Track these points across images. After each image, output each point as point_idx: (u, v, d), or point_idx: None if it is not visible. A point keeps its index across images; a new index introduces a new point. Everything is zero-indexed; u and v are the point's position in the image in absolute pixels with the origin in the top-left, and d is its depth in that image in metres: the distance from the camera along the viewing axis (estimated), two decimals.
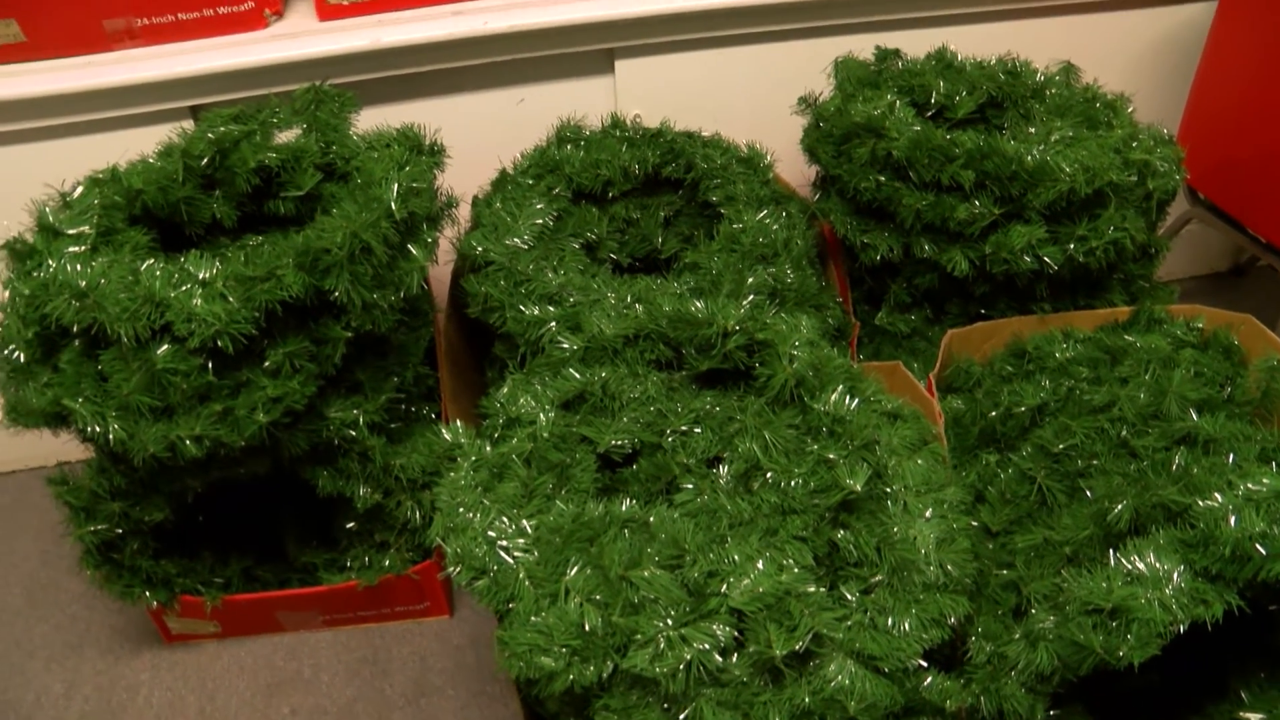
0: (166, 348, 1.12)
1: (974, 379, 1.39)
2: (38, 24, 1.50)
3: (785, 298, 1.30)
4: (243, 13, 1.56)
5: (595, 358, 1.16)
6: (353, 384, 1.29)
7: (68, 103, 1.51)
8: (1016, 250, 1.33)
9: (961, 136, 1.33)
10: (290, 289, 1.11)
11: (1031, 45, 1.63)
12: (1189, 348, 1.34)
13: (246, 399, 1.16)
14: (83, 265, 1.13)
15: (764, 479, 1.05)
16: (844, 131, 1.41)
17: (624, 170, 1.46)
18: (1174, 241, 1.88)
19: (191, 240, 1.31)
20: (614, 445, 1.09)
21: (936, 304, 1.50)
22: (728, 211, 1.40)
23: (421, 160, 1.28)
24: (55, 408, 1.16)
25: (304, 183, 1.29)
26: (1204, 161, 1.72)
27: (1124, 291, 1.49)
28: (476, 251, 1.33)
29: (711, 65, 1.70)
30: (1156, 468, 1.13)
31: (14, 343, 1.19)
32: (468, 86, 1.65)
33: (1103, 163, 1.32)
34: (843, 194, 1.45)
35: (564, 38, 1.61)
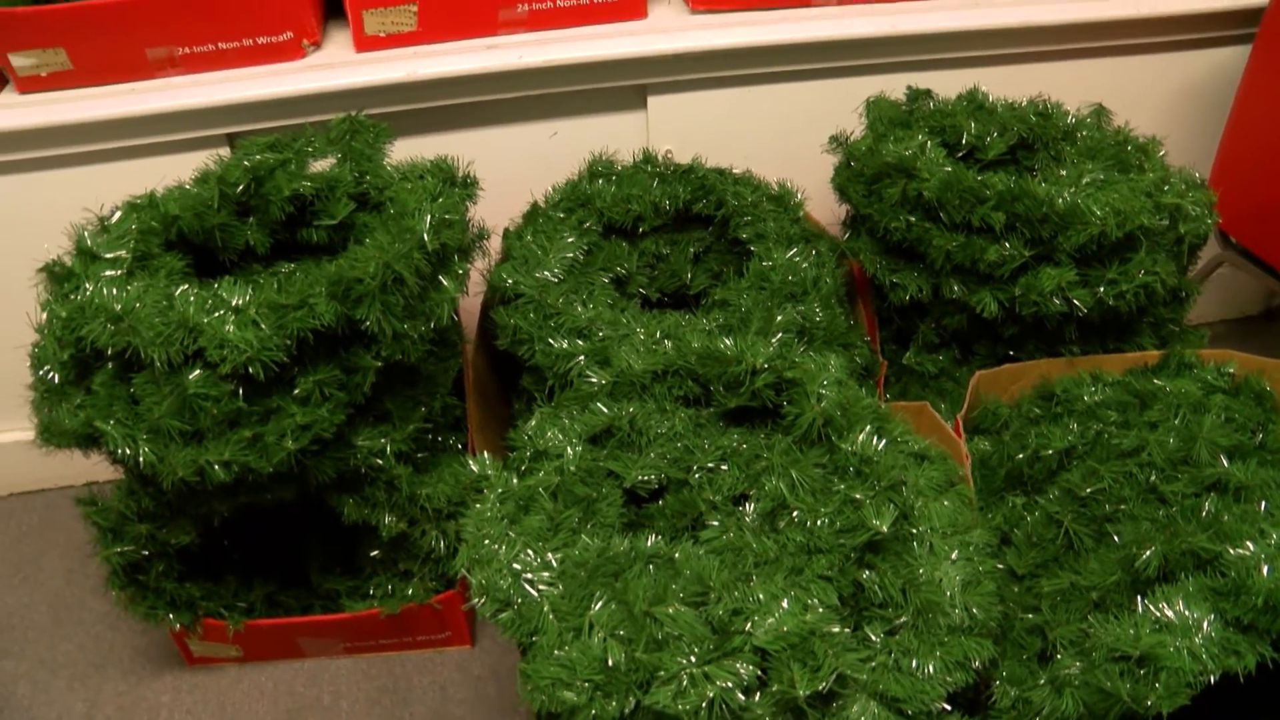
0: (198, 373, 1.13)
1: (1001, 421, 1.39)
2: (84, 52, 1.53)
3: (814, 336, 1.30)
4: (281, 43, 1.58)
5: (623, 393, 1.16)
6: (381, 413, 1.30)
7: (110, 129, 1.54)
8: (1046, 293, 1.32)
9: (992, 178, 1.33)
10: (322, 318, 1.12)
11: (1062, 87, 1.63)
12: (1220, 393, 1.33)
13: (276, 426, 1.17)
14: (118, 289, 1.15)
15: (790, 518, 1.05)
16: (875, 171, 1.41)
17: (655, 205, 1.46)
18: (1205, 285, 1.87)
19: (225, 266, 1.33)
20: (640, 480, 1.09)
21: (964, 345, 1.50)
22: (757, 249, 1.40)
23: (454, 192, 1.29)
24: (87, 429, 1.17)
25: (337, 212, 1.30)
26: (1236, 205, 1.72)
27: (1154, 335, 1.48)
28: (506, 284, 1.33)
29: (743, 103, 1.71)
30: (1186, 514, 1.12)
31: (49, 363, 1.21)
32: (501, 119, 1.67)
33: (1134, 206, 1.32)
34: (873, 233, 1.45)
35: (597, 73, 1.62)
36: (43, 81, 1.55)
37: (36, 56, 1.52)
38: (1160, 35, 1.78)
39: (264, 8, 1.54)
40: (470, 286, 1.33)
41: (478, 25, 1.62)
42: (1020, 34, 1.72)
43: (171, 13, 1.52)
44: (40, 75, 1.54)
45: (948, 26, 1.68)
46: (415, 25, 1.60)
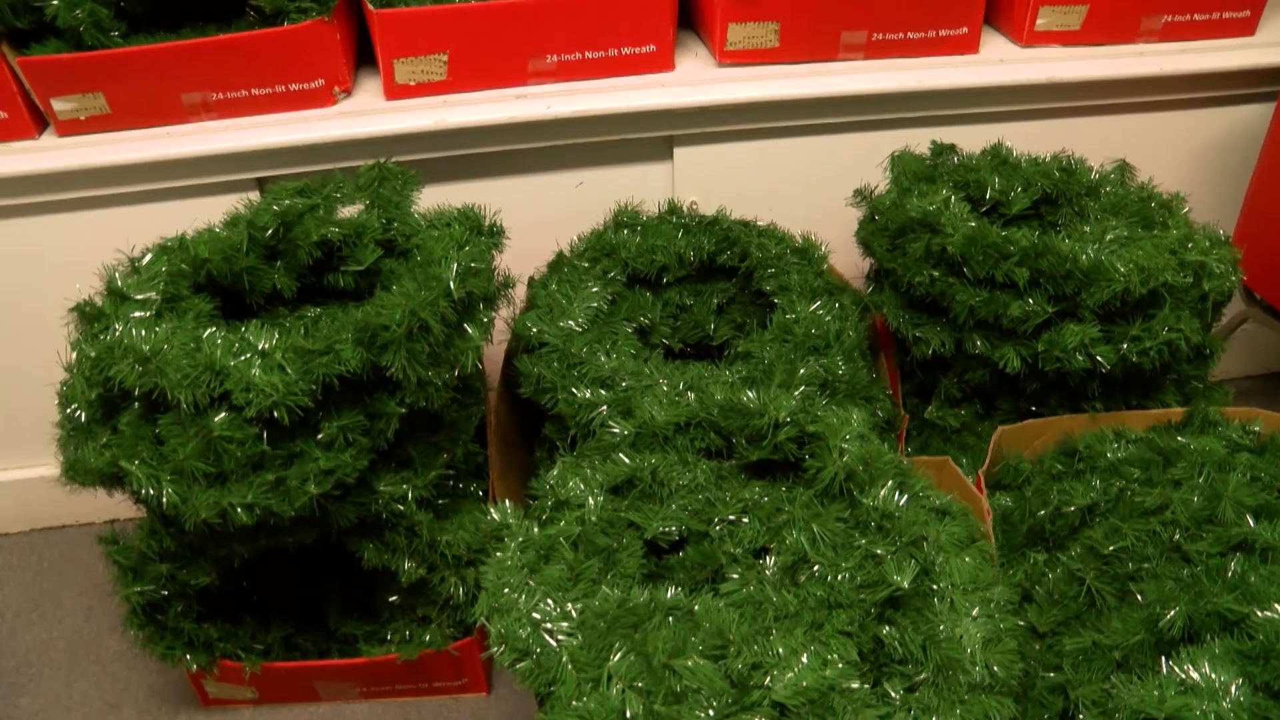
0: (224, 415, 1.14)
1: (1023, 476, 1.38)
2: (122, 97, 1.55)
3: (836, 389, 1.30)
4: (313, 90, 1.61)
5: (646, 444, 1.17)
6: (403, 459, 1.30)
7: (144, 171, 1.56)
8: (1069, 349, 1.32)
9: (1016, 234, 1.34)
10: (348, 364, 1.13)
11: (1086, 143, 1.64)
12: (1245, 451, 1.32)
13: (299, 470, 1.17)
14: (147, 330, 1.16)
15: (811, 572, 1.04)
16: (899, 225, 1.42)
17: (679, 256, 1.47)
18: (1230, 341, 1.86)
19: (252, 309, 1.34)
20: (661, 532, 1.09)
21: (987, 399, 1.49)
22: (781, 301, 1.41)
23: (481, 240, 1.30)
24: (112, 468, 1.18)
25: (364, 258, 1.32)
26: (1260, 262, 1.71)
27: (1178, 392, 1.47)
28: (531, 332, 1.34)
29: (769, 155, 1.72)
30: (1211, 574, 1.11)
31: (76, 402, 1.22)
32: (528, 168, 1.68)
33: (1158, 263, 1.32)
34: (896, 287, 1.46)
35: (625, 124, 1.64)
36: (81, 125, 1.57)
37: (77, 101, 1.55)
38: (1183, 93, 1.79)
39: (297, 55, 1.57)
40: (495, 334, 1.34)
41: (507, 75, 1.64)
42: (1044, 90, 1.73)
43: (207, 59, 1.54)
44: (79, 119, 1.57)
45: (972, 82, 1.69)
46: (445, 74, 1.62)
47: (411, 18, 1.56)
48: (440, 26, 1.58)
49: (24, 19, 1.49)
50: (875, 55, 1.72)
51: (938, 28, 1.72)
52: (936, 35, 1.72)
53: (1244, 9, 1.79)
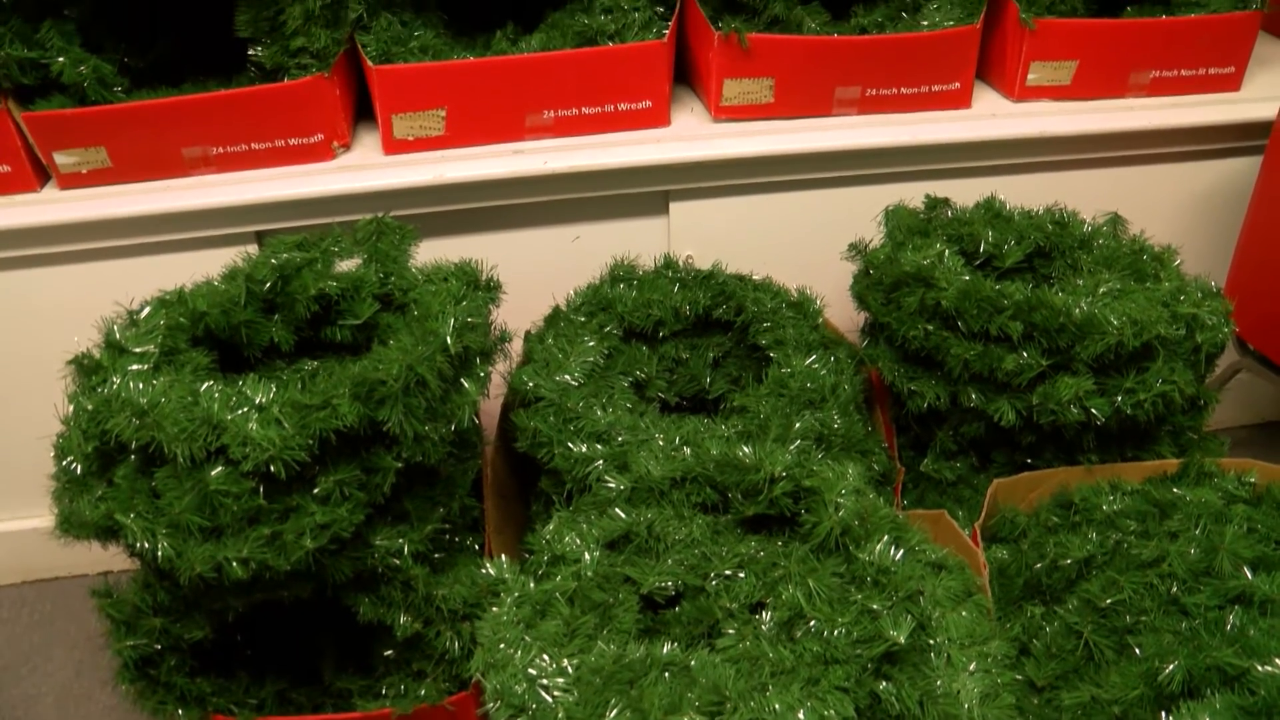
0: (220, 469, 1.13)
1: (1019, 529, 1.38)
2: (123, 151, 1.57)
3: (831, 443, 1.31)
4: (312, 144, 1.62)
5: (642, 498, 1.17)
6: (399, 513, 1.30)
7: (144, 224, 1.58)
8: (1064, 402, 1.33)
9: (1010, 288, 1.35)
10: (345, 418, 1.13)
11: (1078, 195, 1.66)
12: (1241, 503, 1.32)
13: (295, 524, 1.17)
14: (144, 384, 1.16)
15: (807, 627, 1.04)
16: (893, 280, 1.43)
17: (675, 311, 1.48)
18: (1224, 390, 1.87)
19: (249, 362, 1.35)
20: (657, 587, 1.09)
21: (982, 452, 1.50)
22: (777, 355, 1.42)
23: (478, 295, 1.31)
24: (107, 521, 1.18)
25: (362, 312, 1.32)
26: (1252, 313, 1.72)
27: (1173, 443, 1.48)
28: (527, 386, 1.35)
29: (764, 209, 1.74)
30: (1210, 627, 1.11)
31: (72, 454, 1.22)
32: (525, 223, 1.70)
33: (1150, 316, 1.33)
34: (891, 341, 1.47)
35: (621, 179, 1.66)
36: (82, 178, 1.59)
37: (79, 155, 1.56)
38: (1172, 146, 1.82)
39: (297, 110, 1.59)
40: (491, 388, 1.34)
41: (504, 130, 1.66)
42: (1036, 144, 1.75)
43: (208, 114, 1.56)
44: (81, 172, 1.58)
45: (965, 137, 1.72)
46: (443, 130, 1.64)
47: (410, 74, 1.59)
48: (439, 82, 1.60)
49: (30, 75, 1.51)
50: (869, 110, 1.75)
51: (930, 83, 1.74)
52: (929, 90, 1.75)
53: (1229, 65, 1.82)
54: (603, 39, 1.62)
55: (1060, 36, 1.75)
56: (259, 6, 1.51)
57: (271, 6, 1.51)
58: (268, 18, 1.52)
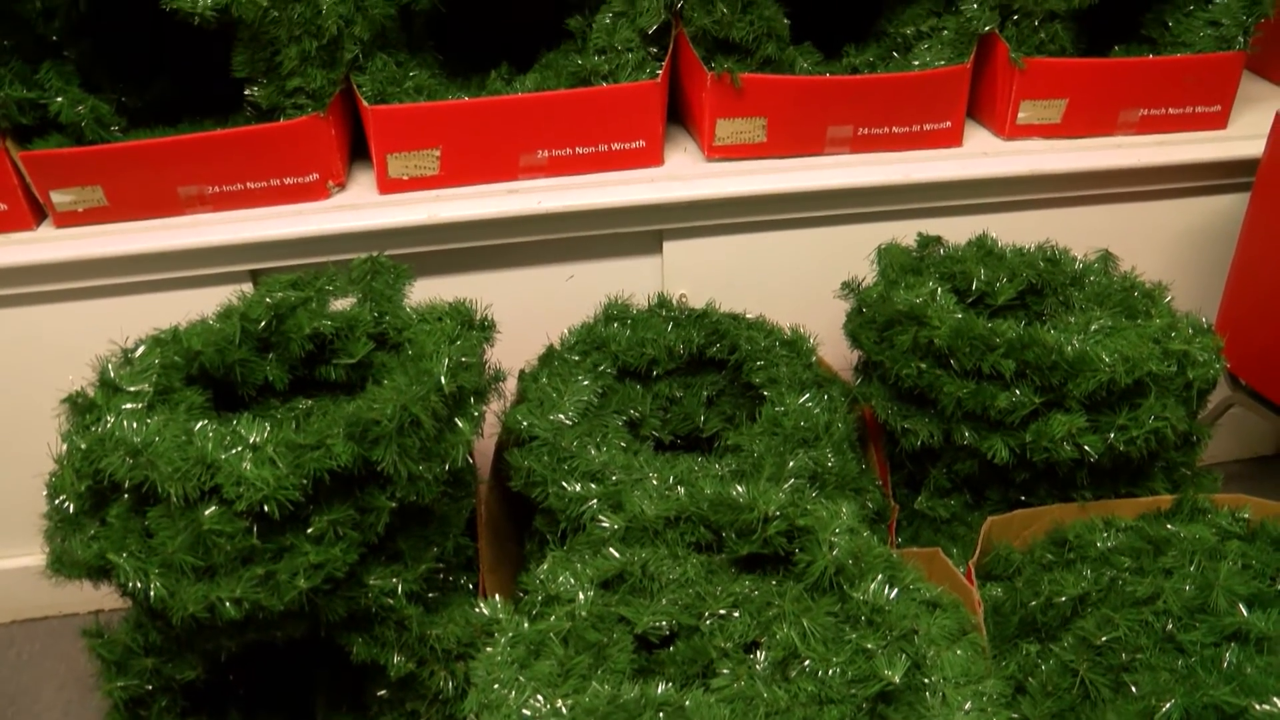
0: (214, 509, 1.13)
1: (1014, 567, 1.38)
2: (120, 189, 1.58)
3: (825, 481, 1.31)
4: (307, 184, 1.63)
5: (636, 538, 1.17)
6: (393, 552, 1.30)
7: (139, 263, 1.58)
8: (1057, 439, 1.33)
9: (1002, 326, 1.35)
10: (339, 458, 1.13)
11: (1069, 232, 1.67)
12: (1235, 539, 1.33)
13: (289, 564, 1.17)
14: (139, 423, 1.16)
15: (801, 667, 1.04)
16: (886, 318, 1.44)
17: (669, 350, 1.49)
18: (1217, 425, 1.88)
19: (243, 401, 1.35)
20: (652, 626, 1.09)
21: (976, 490, 1.50)
22: (770, 394, 1.42)
23: (472, 335, 1.31)
24: (99, 561, 1.17)
25: (356, 351, 1.33)
26: (1243, 349, 1.73)
27: (1166, 479, 1.48)
28: (521, 426, 1.35)
29: (757, 248, 1.75)
30: (1206, 665, 1.11)
31: (65, 494, 1.22)
32: (519, 262, 1.71)
33: (1142, 353, 1.33)
34: (884, 379, 1.47)
35: (615, 219, 1.67)
36: (79, 216, 1.59)
37: (75, 193, 1.57)
38: (1162, 183, 1.83)
39: (292, 150, 1.60)
40: (485, 427, 1.34)
41: (499, 170, 1.67)
42: (1027, 182, 1.77)
43: (204, 153, 1.57)
44: (77, 211, 1.59)
45: (957, 175, 1.73)
46: (438, 169, 1.65)
47: (405, 114, 1.60)
48: (433, 122, 1.61)
49: (29, 115, 1.51)
50: (861, 149, 1.76)
51: (922, 122, 1.76)
52: (921, 129, 1.76)
53: (1215, 104, 1.84)
54: (596, 79, 1.64)
55: (1050, 75, 1.77)
56: (256, 47, 1.52)
57: (268, 47, 1.52)
58: (264, 58, 1.54)
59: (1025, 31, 1.73)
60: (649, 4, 1.62)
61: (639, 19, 1.63)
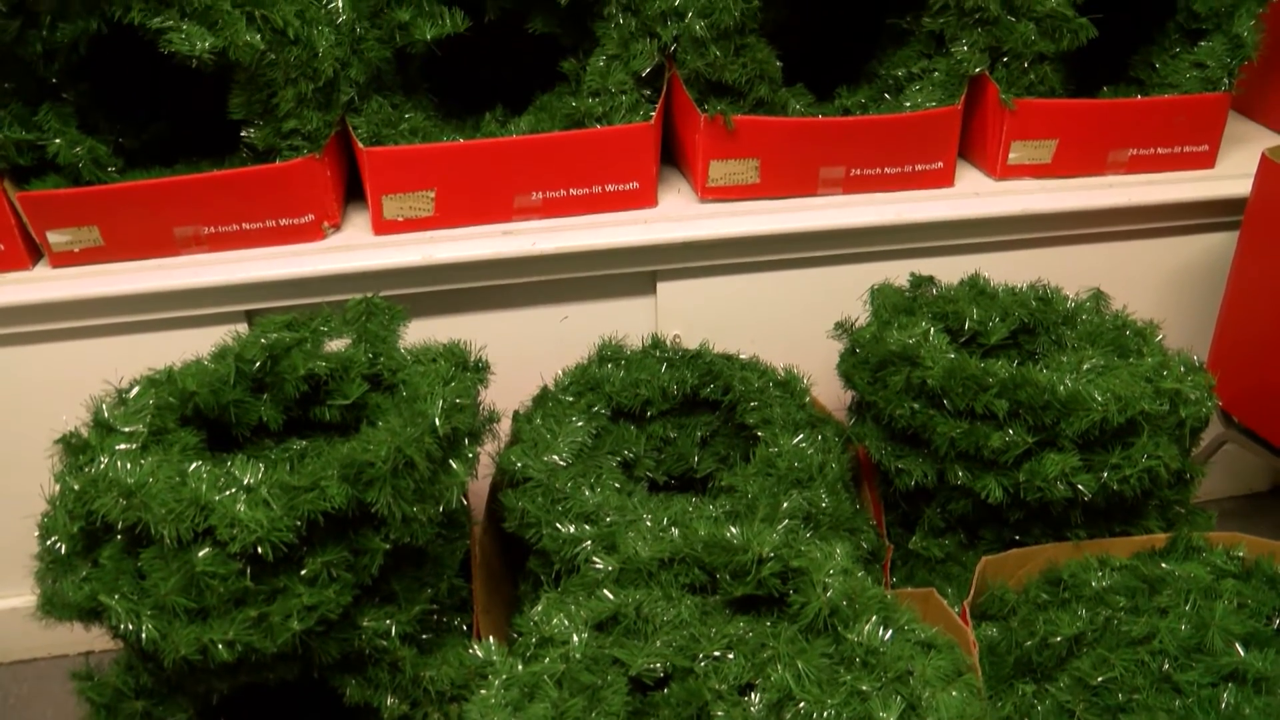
0: (207, 551, 1.13)
1: (1009, 606, 1.38)
2: (116, 230, 1.59)
3: (820, 522, 1.31)
4: (303, 225, 1.64)
5: (630, 579, 1.17)
6: (387, 594, 1.29)
7: (135, 303, 1.59)
8: (1050, 478, 1.33)
9: (994, 366, 1.36)
10: (333, 500, 1.13)
11: (1061, 271, 1.68)
12: (1230, 577, 1.33)
13: (282, 606, 1.16)
14: (132, 463, 1.16)
15: (796, 709, 1.03)
16: (879, 359, 1.44)
17: (663, 390, 1.49)
18: (1212, 461, 1.88)
19: (238, 441, 1.35)
20: (646, 669, 1.08)
21: (970, 529, 1.50)
22: (764, 434, 1.42)
23: (466, 376, 1.32)
24: (91, 603, 1.17)
25: (350, 392, 1.33)
26: (1235, 386, 1.74)
27: (1160, 517, 1.48)
28: (515, 467, 1.35)
29: (751, 289, 1.76)
30: (1204, 705, 1.10)
31: (57, 534, 1.21)
32: (514, 303, 1.71)
33: (1134, 392, 1.34)
34: (878, 419, 1.48)
35: (609, 260, 1.68)
36: (75, 256, 1.60)
37: (72, 234, 1.58)
38: (1152, 222, 1.85)
39: (288, 191, 1.61)
40: (479, 468, 1.34)
41: (493, 211, 1.68)
42: (1019, 222, 1.78)
43: (200, 194, 1.58)
44: (73, 251, 1.59)
45: (949, 215, 1.74)
46: (433, 211, 1.66)
47: (400, 155, 1.61)
48: (428, 164, 1.62)
49: (27, 156, 1.52)
50: (853, 190, 1.78)
51: (914, 163, 1.77)
52: (913, 170, 1.78)
53: (1202, 143, 1.86)
54: (590, 121, 1.65)
55: (1040, 116, 1.79)
56: (253, 89, 1.54)
57: (265, 89, 1.53)
58: (261, 100, 1.55)
59: (1015, 73, 1.75)
60: (642, 47, 1.64)
61: (632, 62, 1.64)
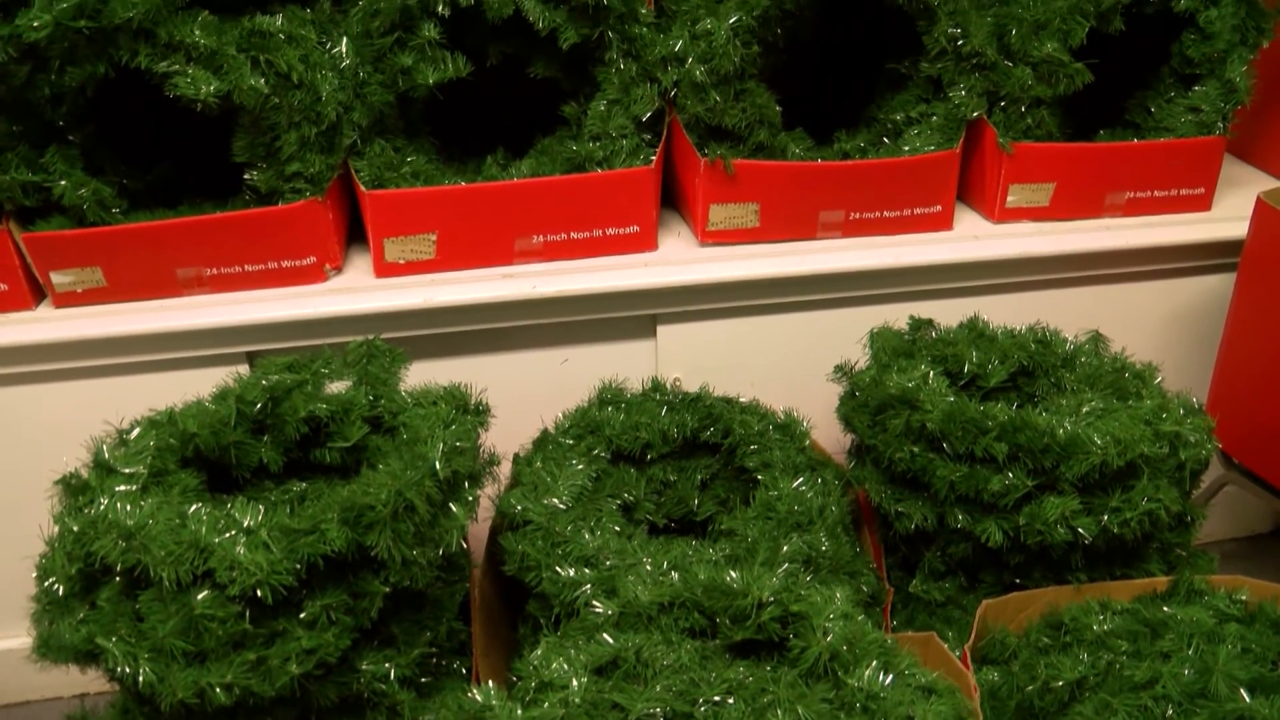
0: (206, 593, 1.13)
1: (1010, 650, 1.37)
2: (119, 271, 1.60)
3: (820, 565, 1.31)
4: (305, 267, 1.65)
5: (630, 623, 1.16)
6: (386, 637, 1.29)
7: (136, 343, 1.59)
8: (1051, 522, 1.33)
9: (994, 409, 1.36)
10: (333, 543, 1.12)
11: (1060, 314, 1.69)
12: (1234, 621, 1.32)
13: (280, 649, 1.16)
14: (132, 505, 1.16)
15: None
16: (879, 402, 1.44)
17: (663, 433, 1.49)
18: (1213, 502, 1.88)
19: (238, 482, 1.35)
20: (646, 713, 1.07)
21: (971, 572, 1.50)
22: (764, 478, 1.42)
23: (466, 419, 1.32)
24: (88, 645, 1.16)
25: (351, 435, 1.33)
26: (1235, 428, 1.74)
27: (1161, 560, 1.48)
28: (515, 510, 1.35)
29: (751, 332, 1.76)
30: None
31: (55, 576, 1.21)
32: (514, 345, 1.72)
33: (1134, 435, 1.34)
34: (877, 463, 1.48)
35: (609, 303, 1.69)
36: (78, 297, 1.61)
37: (75, 274, 1.58)
38: (1150, 264, 1.86)
39: (290, 233, 1.61)
40: (479, 511, 1.34)
41: (494, 255, 1.69)
42: (1017, 264, 1.79)
43: (203, 236, 1.59)
44: (76, 291, 1.60)
45: (948, 258, 1.75)
46: (434, 253, 1.67)
47: (402, 199, 1.62)
48: (430, 207, 1.63)
49: (33, 197, 1.53)
50: (853, 234, 1.79)
51: (913, 206, 1.78)
52: (912, 214, 1.79)
53: (1199, 186, 1.88)
54: (591, 165, 1.66)
55: (1038, 160, 1.80)
56: (256, 132, 1.55)
57: (268, 133, 1.55)
58: (264, 143, 1.56)
59: (1012, 117, 1.77)
60: (643, 92, 1.66)
61: (633, 106, 1.66)
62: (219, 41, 1.48)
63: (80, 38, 1.41)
